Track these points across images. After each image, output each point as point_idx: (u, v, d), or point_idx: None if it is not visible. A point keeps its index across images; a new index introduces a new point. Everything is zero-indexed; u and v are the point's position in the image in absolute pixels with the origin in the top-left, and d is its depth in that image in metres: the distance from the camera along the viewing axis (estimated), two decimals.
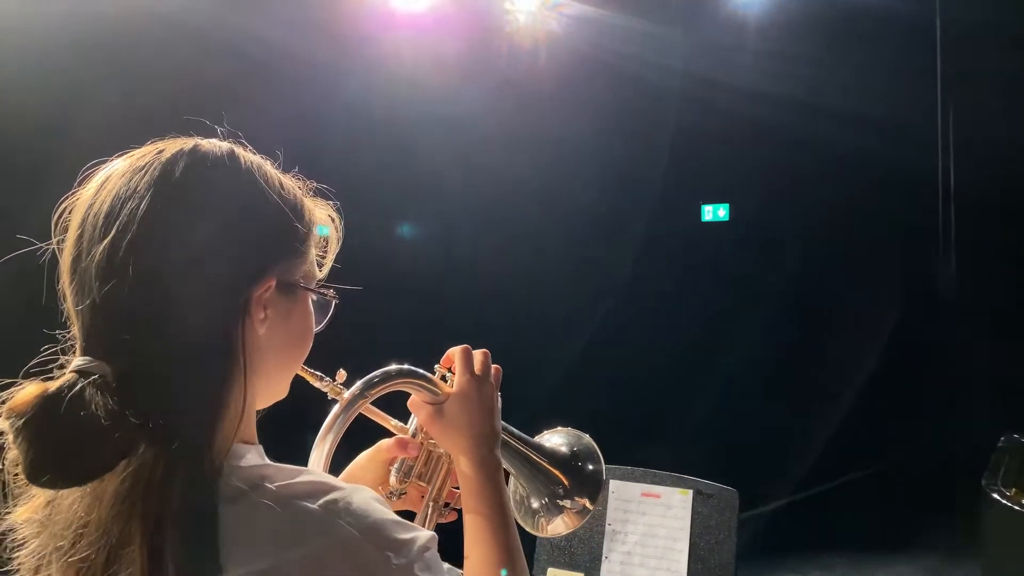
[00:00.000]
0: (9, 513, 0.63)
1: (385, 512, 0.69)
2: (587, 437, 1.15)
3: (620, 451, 2.08)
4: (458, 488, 0.95)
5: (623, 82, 4.28)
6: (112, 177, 0.67)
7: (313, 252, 0.80)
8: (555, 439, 1.14)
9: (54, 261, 0.64)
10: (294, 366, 0.81)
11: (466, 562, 0.88)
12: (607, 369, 4.60)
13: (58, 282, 0.67)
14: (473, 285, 4.99)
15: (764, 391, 4.33)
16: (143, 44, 3.19)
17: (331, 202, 0.83)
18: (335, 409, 0.87)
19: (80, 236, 0.65)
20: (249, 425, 0.73)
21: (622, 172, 4.69)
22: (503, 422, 1.05)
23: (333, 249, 0.84)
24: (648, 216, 4.54)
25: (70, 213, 0.67)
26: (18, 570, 0.64)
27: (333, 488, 0.67)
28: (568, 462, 1.10)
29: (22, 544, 0.64)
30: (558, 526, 1.10)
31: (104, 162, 0.68)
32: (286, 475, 0.68)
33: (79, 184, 0.68)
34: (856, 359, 4.27)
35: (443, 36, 4.14)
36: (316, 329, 0.81)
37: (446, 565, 0.77)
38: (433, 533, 0.73)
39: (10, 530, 0.65)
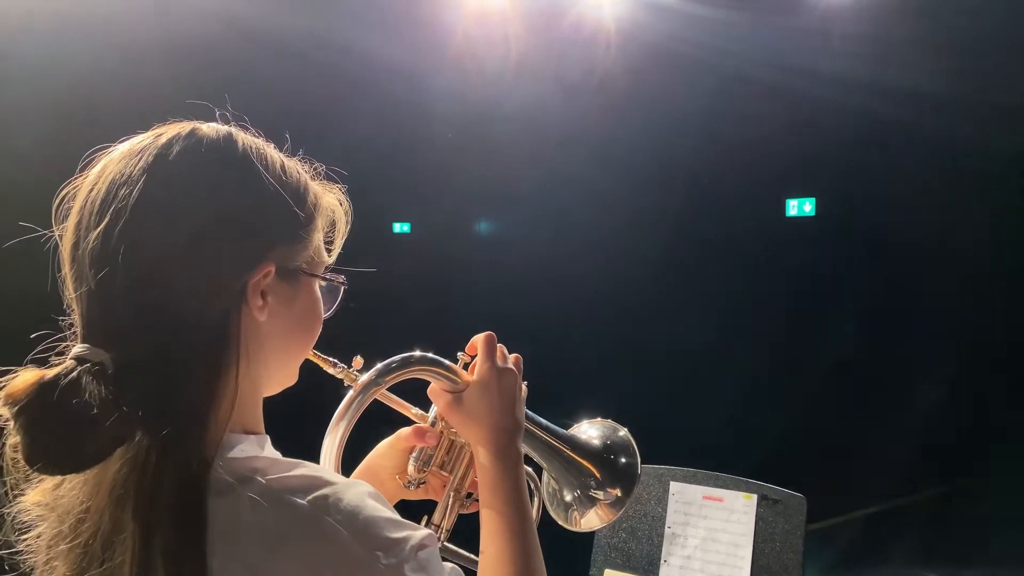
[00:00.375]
0: (20, 496, 0.63)
1: (379, 509, 0.66)
2: (623, 430, 1.10)
3: (694, 455, 2.01)
4: None
5: (701, 73, 4.15)
6: (110, 163, 0.67)
7: (318, 237, 0.77)
8: (591, 431, 1.10)
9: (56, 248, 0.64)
10: (300, 353, 0.79)
11: (480, 558, 0.84)
12: (688, 371, 4.47)
13: (59, 270, 0.67)
14: (547, 284, 4.99)
15: (848, 397, 4.11)
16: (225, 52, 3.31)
17: (340, 185, 0.81)
18: (349, 395, 0.86)
19: (78, 223, 0.65)
20: (254, 413, 0.72)
21: (700, 167, 4.55)
22: (531, 413, 1.02)
23: (342, 233, 0.82)
24: (729, 212, 4.39)
25: (71, 200, 0.66)
26: (28, 553, 0.65)
27: (325, 483, 0.65)
28: (600, 454, 1.06)
29: (31, 526, 0.65)
30: (592, 519, 1.06)
31: (107, 148, 0.67)
32: (280, 468, 0.66)
33: (81, 170, 0.67)
34: (949, 365, 3.99)
35: (517, 32, 4.13)
36: (325, 315, 0.79)
37: (449, 565, 0.74)
38: (430, 532, 0.70)
39: (21, 512, 0.65)
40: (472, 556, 0.91)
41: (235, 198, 0.68)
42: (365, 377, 0.87)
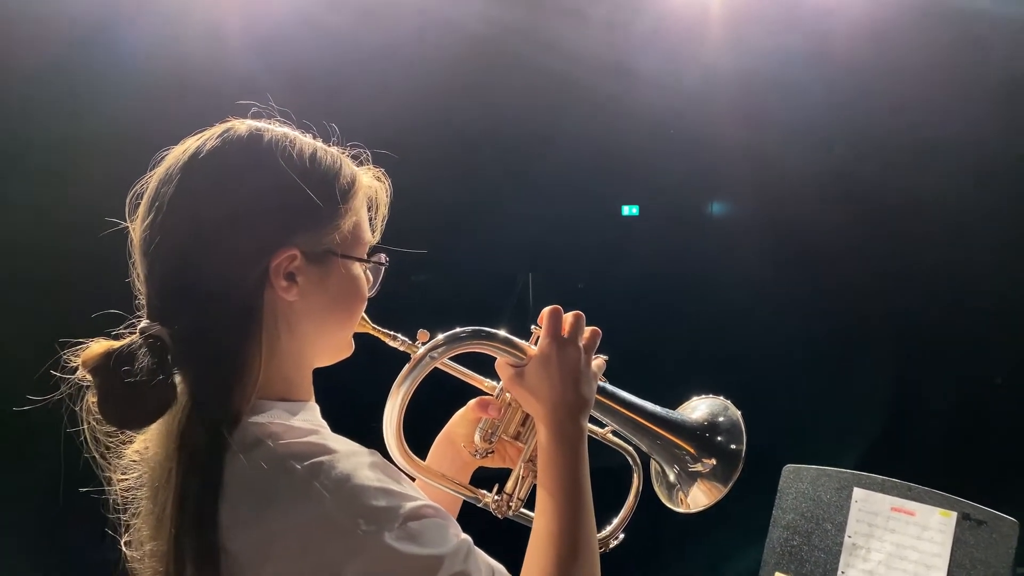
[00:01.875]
0: (128, 445, 0.76)
1: (372, 480, 0.68)
2: (732, 410, 1.04)
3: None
4: None
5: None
6: (163, 162, 0.76)
7: (350, 220, 0.79)
8: (701, 408, 1.06)
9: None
10: (342, 328, 0.82)
11: (532, 531, 0.84)
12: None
13: (130, 257, 0.76)
14: (775, 267, 4.72)
15: None
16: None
17: (378, 167, 0.84)
18: (407, 366, 0.89)
19: (140, 215, 0.75)
20: (297, 383, 0.78)
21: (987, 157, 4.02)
22: (613, 388, 0.99)
23: (382, 214, 0.85)
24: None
25: (140, 197, 0.76)
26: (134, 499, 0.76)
27: (326, 452, 0.69)
28: (695, 431, 1.01)
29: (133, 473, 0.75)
30: (698, 497, 1.02)
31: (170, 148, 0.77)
32: (292, 435, 0.71)
33: (151, 169, 0.76)
34: None
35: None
36: (369, 292, 0.83)
37: (489, 562, 0.72)
38: (430, 503, 0.71)
39: (126, 467, 0.76)
40: None
41: (254, 189, 0.74)
42: (422, 350, 0.90)
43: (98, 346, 0.69)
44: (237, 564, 0.65)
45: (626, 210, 4.95)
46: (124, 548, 0.73)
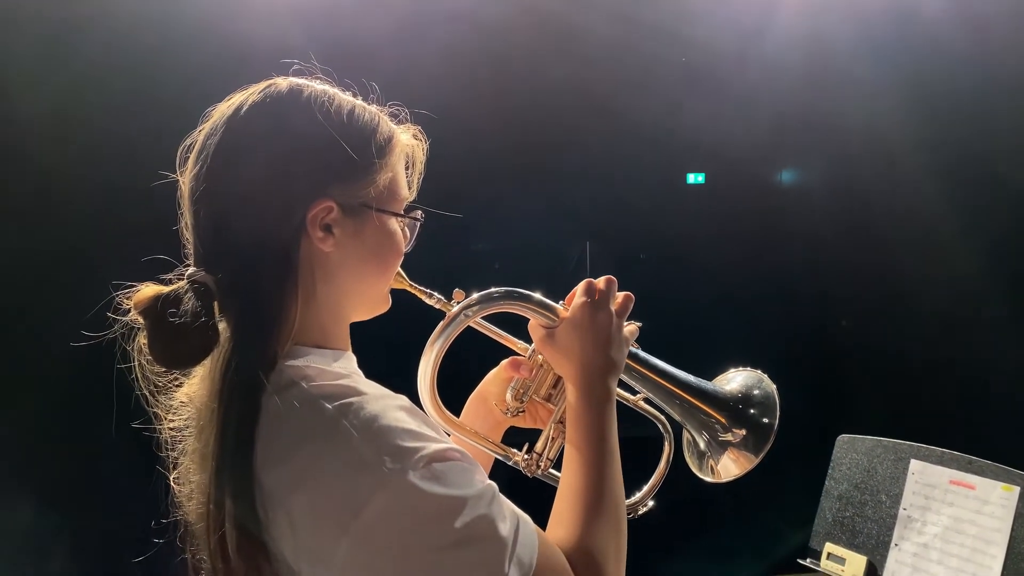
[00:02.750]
0: (177, 387, 0.80)
1: (401, 421, 0.70)
2: (767, 383, 1.03)
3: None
4: None
5: None
6: (210, 116, 0.79)
7: (387, 176, 0.81)
8: (736, 380, 1.05)
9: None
10: (377, 282, 0.84)
11: (559, 486, 0.85)
12: None
13: (179, 207, 0.79)
14: (847, 237, 4.60)
15: None
16: None
17: (418, 127, 0.85)
18: (441, 323, 0.92)
19: (188, 167, 0.78)
20: (333, 331, 0.81)
21: None
22: (645, 355, 1.00)
23: (419, 171, 0.87)
24: None
25: (190, 150, 0.79)
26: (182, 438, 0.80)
27: (356, 393, 0.71)
28: (726, 402, 1.01)
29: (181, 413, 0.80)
30: (729, 466, 1.02)
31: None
32: (325, 378, 0.73)
33: (200, 123, 0.78)
34: None
35: None
36: (405, 248, 0.85)
37: (512, 512, 0.73)
38: (452, 446, 0.72)
39: (175, 408, 0.80)
40: None
41: (292, 142, 0.76)
42: (456, 308, 0.92)
43: (148, 290, 0.73)
44: (270, 497, 0.69)
45: (691, 178, 4.79)
46: (172, 484, 0.78)
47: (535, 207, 4.31)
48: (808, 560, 1.79)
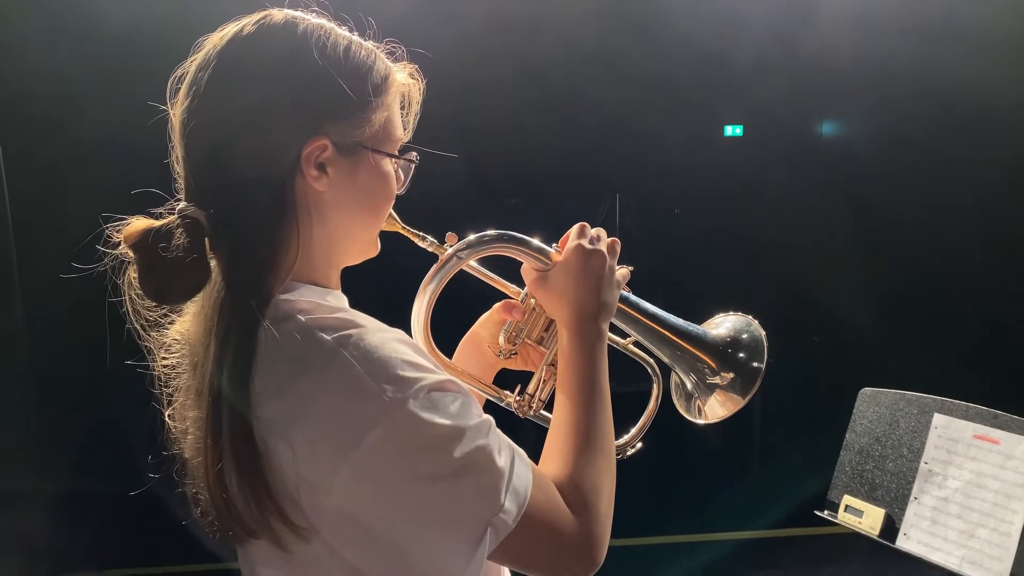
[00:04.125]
0: (170, 325, 0.81)
1: (400, 352, 0.70)
2: (756, 327, 1.02)
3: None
4: None
5: None
6: (202, 47, 0.77)
7: (382, 115, 0.79)
8: (726, 324, 1.04)
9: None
10: (369, 223, 0.83)
11: (550, 424, 0.86)
12: None
13: (170, 140, 0.78)
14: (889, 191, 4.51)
15: None
16: None
17: (414, 66, 0.83)
18: (434, 266, 0.91)
19: (179, 99, 0.76)
20: (325, 271, 0.80)
21: None
22: (637, 299, 0.99)
23: (414, 112, 0.85)
24: None
25: (181, 81, 0.77)
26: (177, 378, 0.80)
27: (355, 326, 0.71)
28: (715, 345, 1.01)
29: (175, 353, 0.80)
30: (715, 407, 1.02)
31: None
32: (322, 311, 0.73)
33: (192, 55, 0.76)
34: None
35: None
36: (399, 190, 0.83)
37: (509, 450, 0.73)
38: (451, 378, 0.72)
39: (169, 345, 0.80)
40: None
41: (286, 77, 0.74)
42: (449, 251, 0.92)
43: (139, 223, 0.73)
44: (268, 429, 0.69)
45: (729, 130, 4.75)
46: (167, 420, 0.79)
47: (569, 160, 4.28)
48: (826, 512, 1.77)
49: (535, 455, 0.81)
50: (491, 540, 0.69)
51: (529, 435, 0.93)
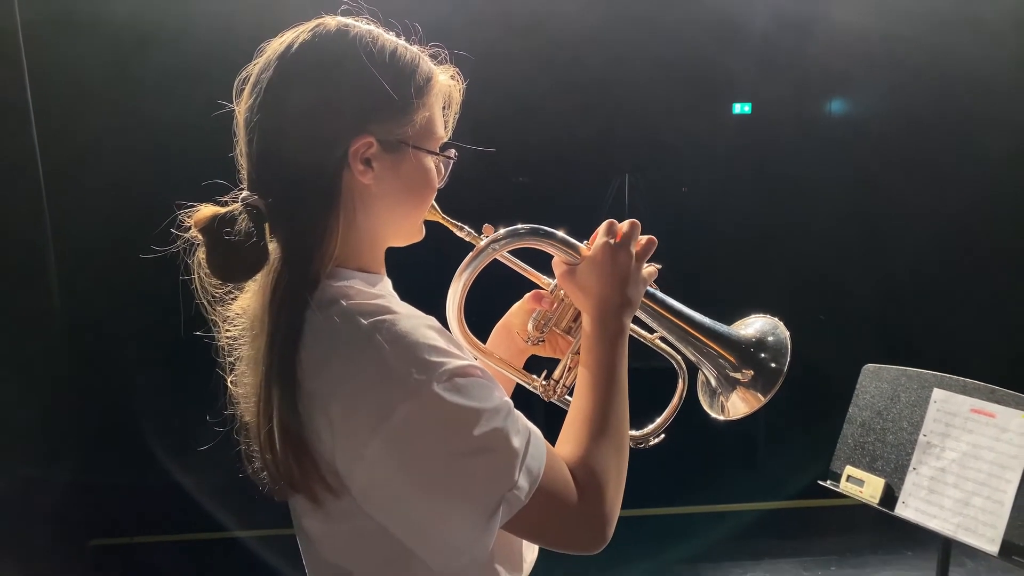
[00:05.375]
0: (233, 299, 0.88)
1: (428, 338, 0.75)
2: (782, 329, 1.04)
3: None
4: None
5: None
6: (264, 51, 0.83)
7: (424, 115, 0.84)
8: (754, 325, 1.08)
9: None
10: (412, 213, 0.88)
11: (569, 408, 0.91)
12: None
13: (235, 135, 0.84)
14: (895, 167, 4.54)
15: None
16: None
17: (456, 69, 0.88)
18: (469, 255, 0.97)
19: (243, 98, 0.82)
20: (371, 257, 0.86)
21: None
22: (663, 296, 1.03)
23: (454, 111, 0.90)
24: None
25: (245, 82, 0.83)
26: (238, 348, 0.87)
27: (390, 312, 0.76)
28: (739, 344, 1.04)
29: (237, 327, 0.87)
30: (737, 404, 1.05)
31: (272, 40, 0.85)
32: (362, 297, 0.79)
33: (255, 58, 0.82)
34: None
35: None
36: (439, 184, 0.88)
37: (529, 430, 0.79)
38: (474, 364, 0.76)
39: (230, 319, 0.87)
40: None
41: (336, 80, 0.80)
42: (484, 241, 0.97)
43: (207, 210, 0.79)
44: (310, 400, 0.76)
45: (737, 108, 4.77)
46: (229, 384, 0.87)
47: (578, 138, 4.30)
48: (828, 482, 1.86)
49: (552, 436, 0.88)
50: (504, 513, 0.74)
51: (553, 418, 0.99)
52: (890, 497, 1.75)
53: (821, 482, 1.86)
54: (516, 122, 3.73)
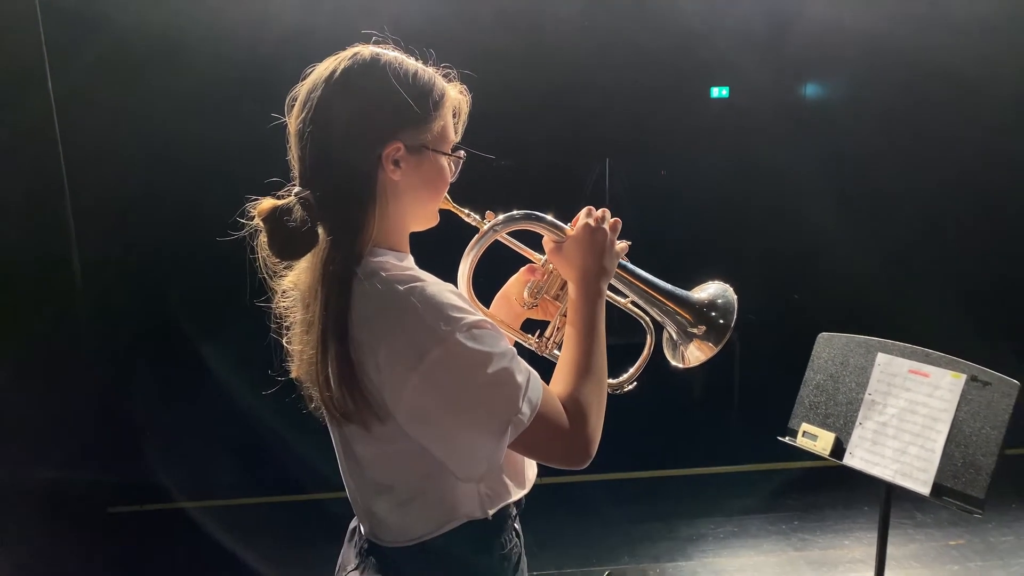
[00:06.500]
0: (286, 275, 1.06)
1: (450, 299, 0.92)
2: (731, 293, 1.24)
3: None
4: None
5: None
6: (311, 75, 0.99)
7: (440, 124, 1.01)
8: (709, 289, 1.29)
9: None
10: (431, 203, 1.05)
11: (559, 357, 1.10)
12: None
13: (288, 141, 1.01)
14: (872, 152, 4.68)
15: None
16: None
17: (464, 86, 1.07)
18: (475, 237, 1.16)
19: (294, 113, 0.99)
20: (399, 238, 1.05)
21: None
22: (632, 266, 1.23)
23: (463, 120, 1.08)
24: None
25: (295, 98, 0.99)
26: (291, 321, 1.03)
27: (420, 280, 0.93)
28: (693, 305, 1.25)
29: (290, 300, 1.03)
30: (694, 353, 1.26)
31: (315, 64, 1.04)
32: (397, 269, 0.95)
33: (301, 79, 0.99)
34: None
35: None
36: (452, 178, 1.07)
37: (529, 374, 0.96)
38: (485, 319, 0.94)
39: (285, 292, 1.03)
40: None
41: (372, 99, 0.98)
42: (487, 226, 1.16)
43: (268, 202, 0.97)
44: (361, 348, 0.93)
45: (715, 92, 4.88)
46: (284, 343, 1.06)
47: (558, 124, 4.43)
48: (787, 438, 2.08)
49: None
50: (511, 433, 0.93)
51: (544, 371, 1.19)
52: (839, 449, 1.97)
53: (780, 438, 2.09)
54: (500, 106, 3.87)
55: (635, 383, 1.30)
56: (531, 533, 1.20)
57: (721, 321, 1.23)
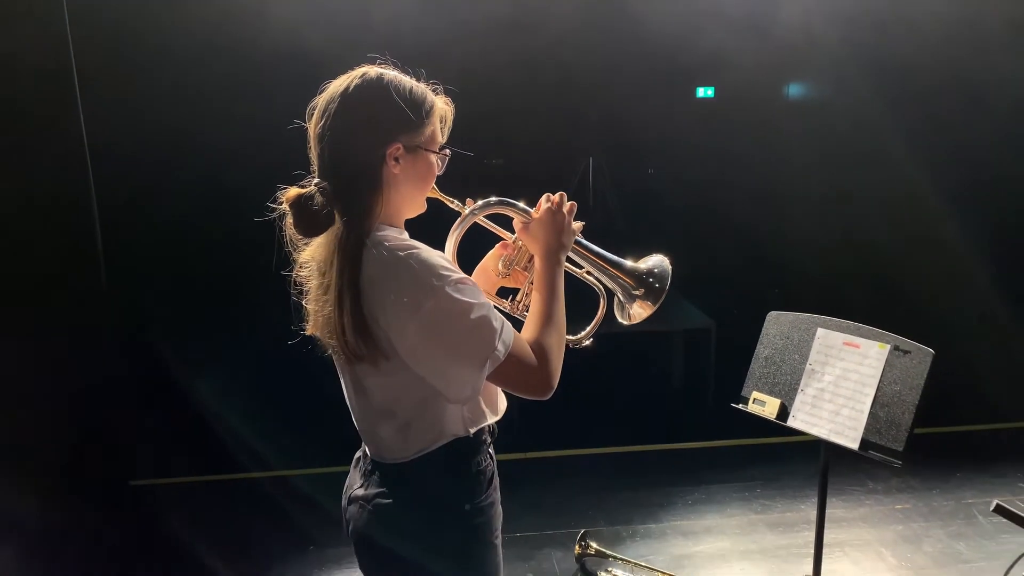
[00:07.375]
0: (301, 250, 1.32)
1: (440, 262, 1.14)
2: (667, 264, 1.50)
3: None
4: None
5: None
6: (329, 88, 1.20)
7: (430, 128, 1.24)
8: (650, 260, 1.54)
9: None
10: (421, 193, 1.28)
11: (528, 314, 1.35)
12: None
13: (308, 143, 1.22)
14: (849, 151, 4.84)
15: None
16: None
17: (448, 98, 1.31)
18: (458, 219, 1.41)
19: (315, 120, 1.20)
20: (398, 219, 1.29)
21: None
22: (587, 243, 1.49)
23: (448, 125, 1.32)
24: None
25: (314, 108, 1.21)
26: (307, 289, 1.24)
27: (416, 247, 1.15)
28: (634, 272, 1.50)
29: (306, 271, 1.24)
30: (638, 311, 1.52)
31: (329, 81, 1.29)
32: (398, 241, 1.17)
33: (319, 93, 1.20)
34: None
35: None
36: (439, 172, 1.32)
37: (503, 324, 1.17)
38: (467, 277, 1.16)
39: (302, 264, 1.25)
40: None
41: (378, 108, 1.21)
42: (467, 210, 1.41)
43: (293, 190, 1.18)
44: (370, 301, 1.14)
45: (701, 92, 5.04)
46: (303, 303, 1.32)
47: (546, 122, 4.57)
48: (740, 405, 2.35)
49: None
50: (490, 366, 1.15)
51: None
52: (784, 413, 2.23)
53: (733, 404, 2.36)
54: (488, 106, 4.02)
55: (592, 339, 1.56)
56: (516, 500, 1.42)
57: (657, 285, 1.49)
